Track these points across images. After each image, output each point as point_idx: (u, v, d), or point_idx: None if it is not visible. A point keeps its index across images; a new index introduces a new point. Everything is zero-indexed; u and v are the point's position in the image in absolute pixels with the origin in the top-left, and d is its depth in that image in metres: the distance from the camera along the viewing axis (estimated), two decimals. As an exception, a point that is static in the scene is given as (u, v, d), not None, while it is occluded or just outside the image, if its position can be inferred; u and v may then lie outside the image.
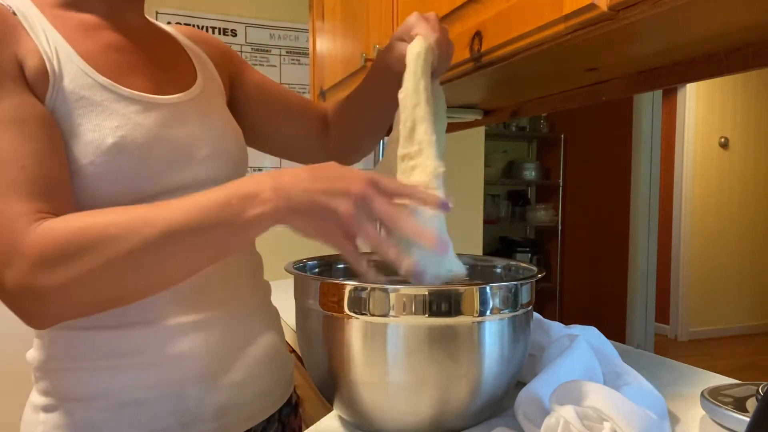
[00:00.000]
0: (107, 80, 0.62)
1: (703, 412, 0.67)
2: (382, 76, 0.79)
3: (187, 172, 0.67)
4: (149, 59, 0.70)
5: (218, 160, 0.71)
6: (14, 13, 0.59)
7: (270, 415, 0.74)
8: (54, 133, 0.58)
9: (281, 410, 0.77)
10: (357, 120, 0.90)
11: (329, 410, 0.69)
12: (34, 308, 0.52)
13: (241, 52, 2.23)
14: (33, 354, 0.67)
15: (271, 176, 0.53)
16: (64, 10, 0.65)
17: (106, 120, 0.61)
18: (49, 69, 0.59)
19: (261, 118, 0.88)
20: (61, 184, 0.57)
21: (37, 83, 0.58)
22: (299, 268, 0.72)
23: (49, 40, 0.60)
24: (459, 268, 0.58)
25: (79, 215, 0.54)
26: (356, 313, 0.57)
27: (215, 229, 0.53)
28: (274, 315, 0.79)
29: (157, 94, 0.67)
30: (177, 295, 0.65)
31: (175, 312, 0.65)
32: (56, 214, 0.54)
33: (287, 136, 0.91)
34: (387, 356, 0.56)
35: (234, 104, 0.84)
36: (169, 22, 2.15)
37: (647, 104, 3.54)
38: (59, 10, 0.65)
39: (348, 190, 0.51)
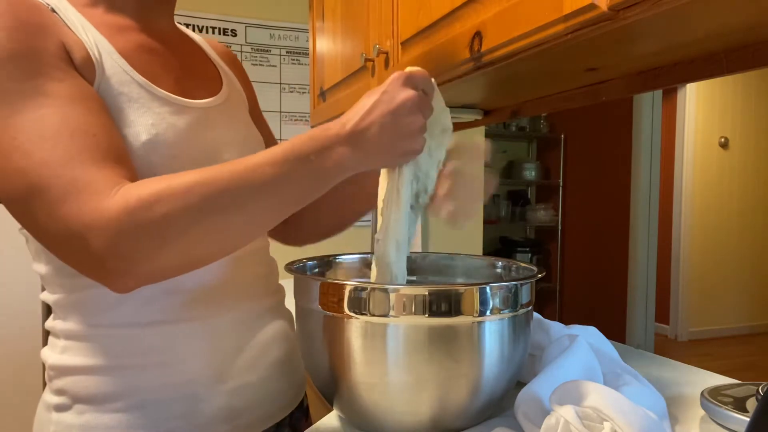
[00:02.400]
0: (143, 79, 0.64)
1: (703, 412, 0.67)
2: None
3: None
4: (177, 63, 0.71)
5: None
6: (53, 10, 0.60)
7: (281, 419, 0.74)
8: (109, 113, 0.59)
9: (292, 414, 0.77)
10: (331, 207, 0.88)
11: (329, 410, 0.69)
12: (122, 267, 0.51)
13: (241, 52, 2.23)
14: (47, 353, 0.67)
15: (339, 125, 0.56)
16: (96, 10, 0.66)
17: (142, 117, 0.62)
18: (94, 60, 0.60)
19: None
20: (127, 153, 0.58)
21: (84, 73, 0.59)
22: (299, 269, 0.72)
23: (89, 36, 0.61)
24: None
25: (160, 178, 0.54)
26: (356, 313, 0.57)
27: (297, 185, 0.55)
28: (287, 318, 0.79)
29: (184, 98, 0.68)
30: (191, 296, 0.65)
31: (189, 313, 0.65)
32: (131, 177, 0.55)
33: None
34: (387, 356, 0.56)
35: None
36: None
37: (647, 104, 3.54)
38: (91, 9, 0.66)
39: (419, 127, 0.58)
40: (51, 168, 0.51)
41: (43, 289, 0.68)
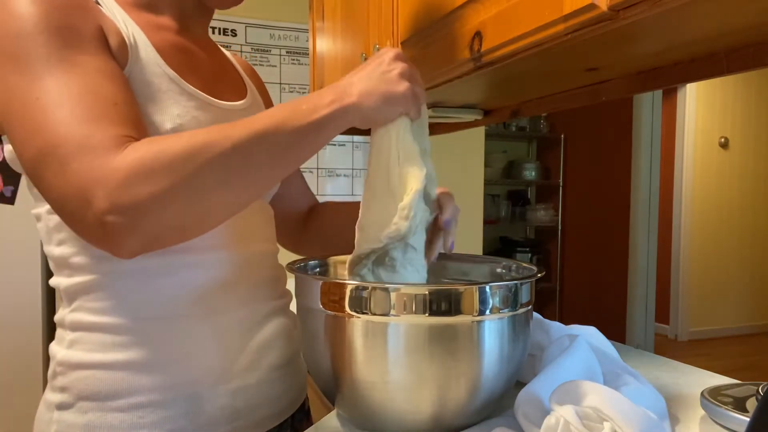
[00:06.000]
0: (174, 73, 0.66)
1: (703, 412, 0.67)
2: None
3: None
4: (208, 67, 0.75)
5: None
6: (97, 2, 0.63)
7: (283, 420, 0.74)
8: (134, 92, 0.61)
9: (294, 416, 0.77)
10: (334, 231, 0.90)
11: (330, 409, 0.69)
12: (124, 223, 0.51)
13: (241, 52, 2.23)
14: (55, 348, 0.67)
15: (335, 85, 0.61)
16: (139, 10, 0.69)
17: (169, 107, 0.64)
18: (128, 46, 0.63)
19: None
20: (145, 125, 0.60)
21: (118, 57, 0.61)
22: (300, 268, 0.72)
23: (127, 26, 0.64)
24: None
25: (160, 137, 0.56)
26: (357, 312, 0.57)
27: (290, 131, 0.57)
28: (292, 321, 0.79)
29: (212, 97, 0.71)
30: (198, 293, 0.65)
31: (194, 310, 0.65)
32: None
33: (275, 198, 0.88)
34: (387, 355, 0.56)
35: None
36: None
37: (647, 104, 3.54)
38: (134, 8, 0.69)
39: (398, 72, 0.61)
40: (67, 126, 0.53)
41: (50, 276, 0.68)
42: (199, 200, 0.54)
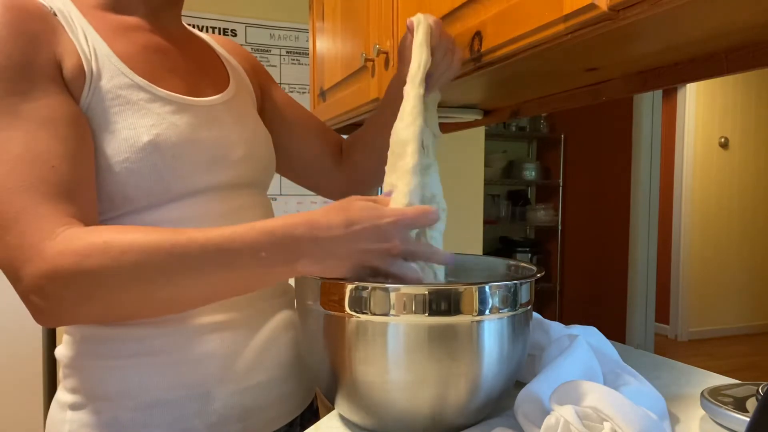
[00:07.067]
0: (143, 80, 0.64)
1: (703, 412, 0.67)
2: (394, 102, 0.80)
3: (221, 174, 0.68)
4: (184, 62, 0.72)
5: (250, 162, 0.73)
6: (55, 14, 0.61)
7: (292, 419, 0.74)
8: (84, 134, 0.59)
9: (303, 414, 0.77)
10: (370, 149, 0.91)
11: (330, 409, 0.69)
12: (43, 307, 0.53)
13: (241, 52, 2.23)
14: (62, 350, 0.67)
15: (307, 229, 0.55)
16: (105, 12, 0.67)
17: (142, 119, 0.62)
18: (86, 68, 0.60)
19: (282, 135, 0.88)
20: (86, 185, 0.59)
21: (73, 82, 0.60)
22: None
23: (88, 41, 0.62)
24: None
25: (103, 229, 0.55)
26: (357, 312, 0.57)
27: (238, 275, 0.55)
28: (296, 317, 0.79)
29: (191, 96, 0.69)
30: None
31: (202, 311, 0.65)
32: (81, 215, 0.56)
33: (304, 156, 0.91)
34: (387, 355, 0.56)
35: (261, 117, 0.85)
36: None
37: (647, 104, 3.54)
38: (100, 11, 0.66)
39: (389, 250, 0.56)
40: (3, 193, 0.53)
41: None
42: (118, 307, 0.55)
